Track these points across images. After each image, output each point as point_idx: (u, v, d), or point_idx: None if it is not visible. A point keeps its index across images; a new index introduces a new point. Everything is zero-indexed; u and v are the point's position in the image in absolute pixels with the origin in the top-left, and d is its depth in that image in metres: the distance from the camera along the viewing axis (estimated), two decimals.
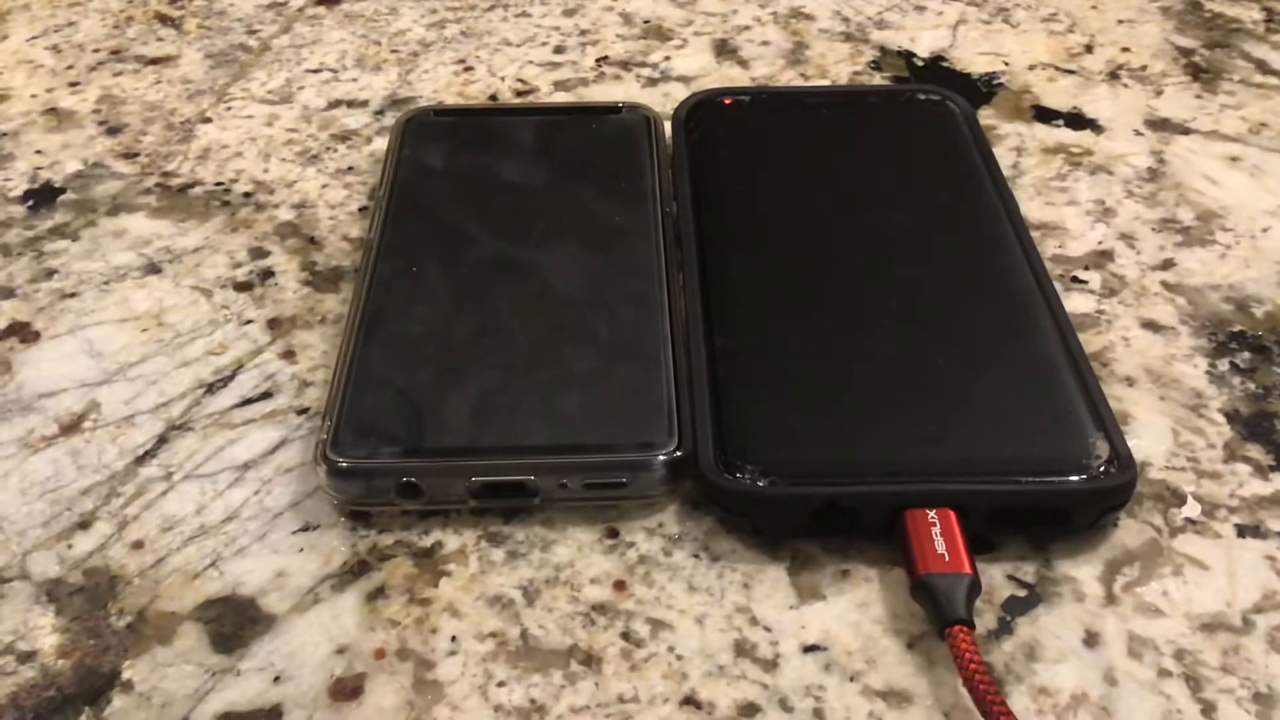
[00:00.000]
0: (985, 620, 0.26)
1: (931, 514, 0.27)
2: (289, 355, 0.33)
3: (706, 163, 0.37)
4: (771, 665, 0.26)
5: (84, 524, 0.29)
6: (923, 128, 0.39)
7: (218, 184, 0.40)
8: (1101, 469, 0.27)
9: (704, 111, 0.39)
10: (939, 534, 0.26)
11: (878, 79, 0.45)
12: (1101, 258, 0.36)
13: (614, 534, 0.28)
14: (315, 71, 0.46)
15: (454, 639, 0.26)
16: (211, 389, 0.32)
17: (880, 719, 0.25)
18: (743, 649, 0.26)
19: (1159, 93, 0.44)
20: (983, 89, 0.45)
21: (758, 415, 0.29)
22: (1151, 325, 0.34)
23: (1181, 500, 0.29)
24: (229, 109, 0.44)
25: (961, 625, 0.25)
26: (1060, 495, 0.27)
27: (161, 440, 0.31)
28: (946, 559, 0.26)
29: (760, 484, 0.27)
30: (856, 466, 0.28)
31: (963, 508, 0.27)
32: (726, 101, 0.40)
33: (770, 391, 0.30)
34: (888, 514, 0.27)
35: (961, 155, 0.37)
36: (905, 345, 0.31)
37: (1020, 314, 0.32)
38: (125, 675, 0.26)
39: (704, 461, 0.28)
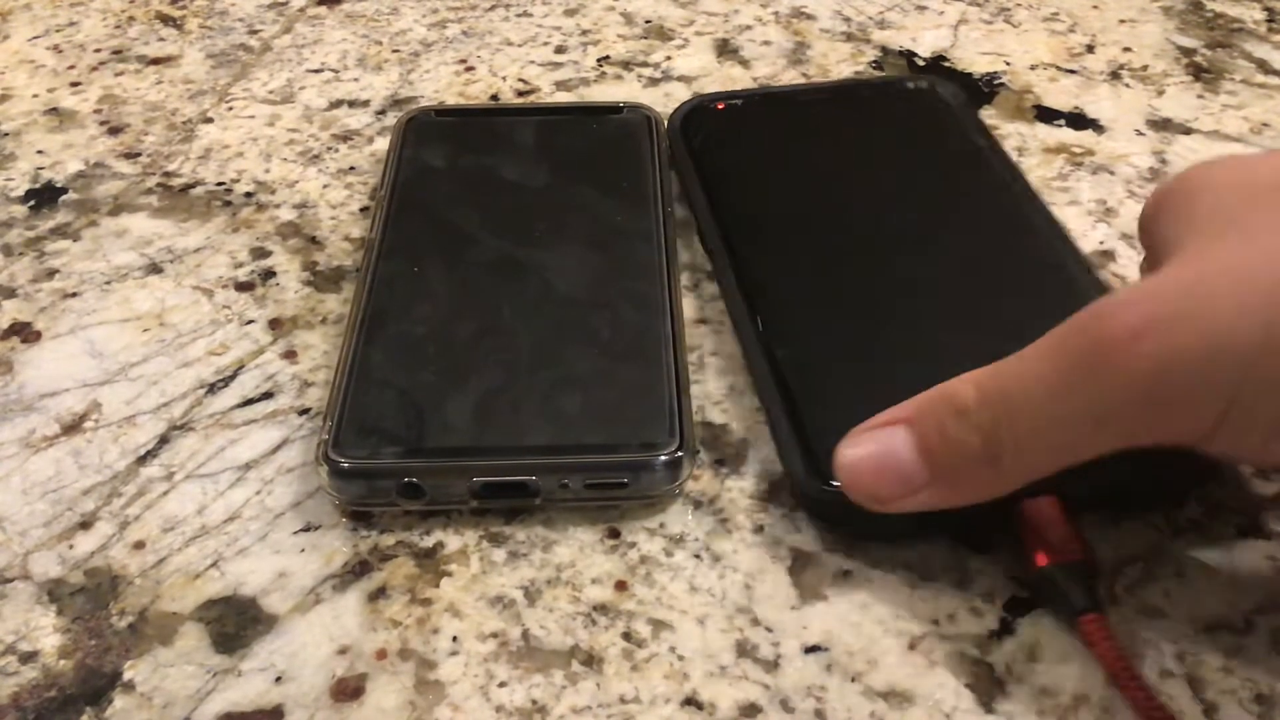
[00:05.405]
0: (986, 620, 0.26)
1: (1044, 503, 0.26)
2: (290, 355, 0.33)
3: (716, 170, 0.37)
4: (773, 666, 0.26)
5: (85, 524, 0.29)
6: (918, 115, 0.39)
7: (219, 184, 0.40)
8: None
9: (699, 118, 0.39)
10: (1052, 523, 0.26)
11: None
12: (1103, 258, 0.36)
13: (615, 534, 0.28)
14: (316, 71, 0.46)
15: (455, 639, 0.26)
16: (213, 389, 0.32)
17: (882, 719, 0.25)
18: (744, 649, 0.26)
19: (1161, 93, 0.44)
20: (984, 89, 0.45)
21: (842, 423, 0.27)
22: None
23: (1184, 501, 0.29)
24: (230, 109, 0.44)
25: (1094, 615, 0.25)
26: (1159, 475, 0.28)
27: (163, 440, 0.31)
28: (1062, 548, 0.26)
29: None
30: None
31: (1066, 494, 0.26)
32: (719, 106, 0.40)
33: (848, 397, 0.29)
34: (1004, 507, 0.26)
35: (963, 139, 0.38)
36: (965, 337, 0.30)
37: (1067, 294, 0.31)
38: (127, 675, 0.26)
39: (797, 478, 0.28)
